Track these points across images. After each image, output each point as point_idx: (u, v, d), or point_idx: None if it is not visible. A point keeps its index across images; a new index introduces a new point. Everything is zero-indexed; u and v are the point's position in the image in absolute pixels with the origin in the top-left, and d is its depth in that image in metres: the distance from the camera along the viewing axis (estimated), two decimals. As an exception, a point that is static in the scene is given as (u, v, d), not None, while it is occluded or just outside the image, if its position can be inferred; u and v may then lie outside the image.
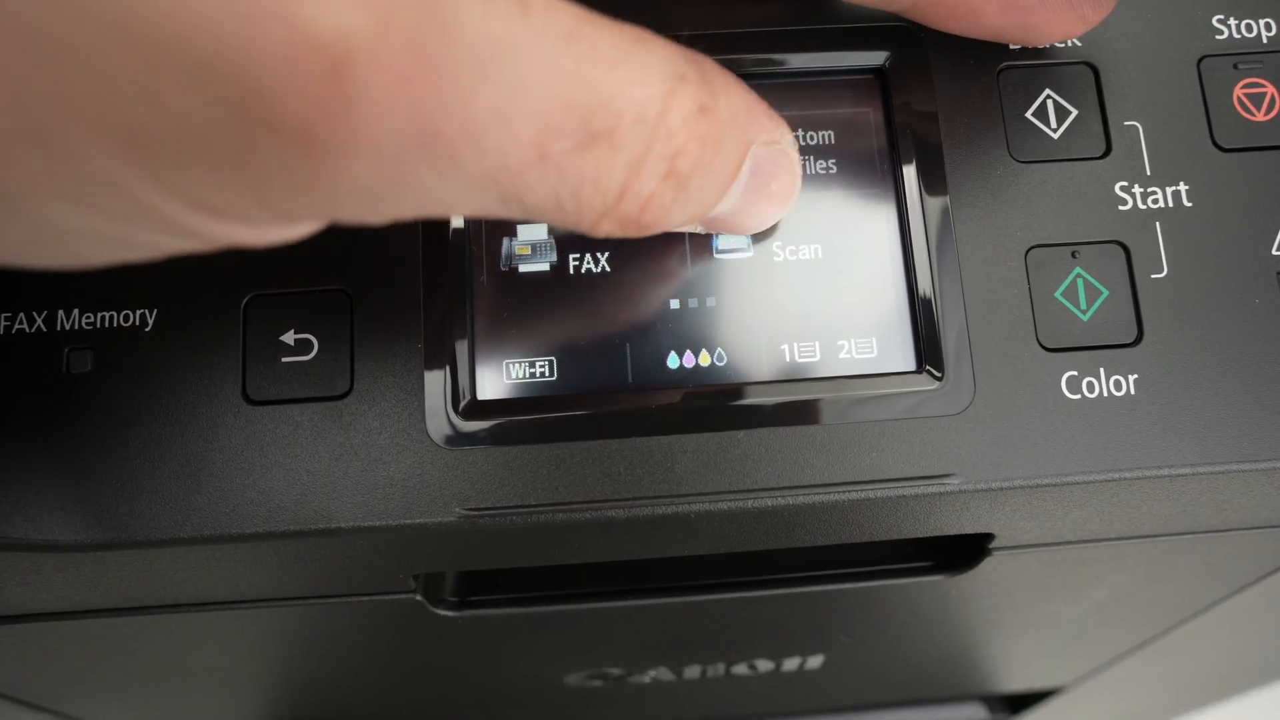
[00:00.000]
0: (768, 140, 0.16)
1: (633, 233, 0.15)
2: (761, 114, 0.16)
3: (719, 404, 0.19)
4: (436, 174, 0.12)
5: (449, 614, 0.22)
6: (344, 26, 0.10)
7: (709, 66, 0.15)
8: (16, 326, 0.19)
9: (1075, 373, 0.19)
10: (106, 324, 0.19)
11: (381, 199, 0.12)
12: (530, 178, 0.13)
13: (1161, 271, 0.19)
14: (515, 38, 0.12)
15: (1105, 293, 0.19)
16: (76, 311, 0.19)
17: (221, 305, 0.19)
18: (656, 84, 0.13)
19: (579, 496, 0.18)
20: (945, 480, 0.18)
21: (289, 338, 0.19)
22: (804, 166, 0.20)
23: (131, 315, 0.19)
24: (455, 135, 0.12)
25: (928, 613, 0.26)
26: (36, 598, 0.20)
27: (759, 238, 0.20)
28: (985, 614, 0.27)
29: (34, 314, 0.19)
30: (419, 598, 0.21)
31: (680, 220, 0.15)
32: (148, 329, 0.19)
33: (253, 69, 0.10)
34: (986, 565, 0.22)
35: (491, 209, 0.13)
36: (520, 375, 0.19)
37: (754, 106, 0.16)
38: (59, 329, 0.19)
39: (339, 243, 0.19)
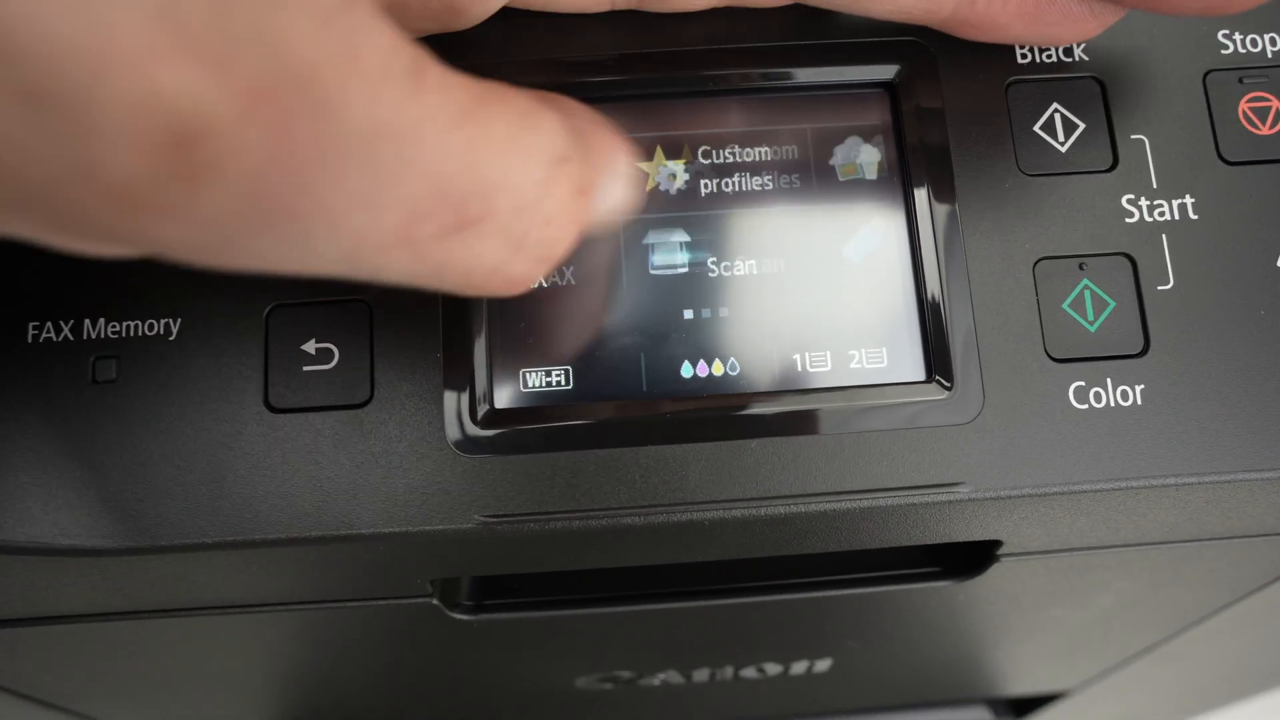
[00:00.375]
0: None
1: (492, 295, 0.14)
2: (629, 164, 0.16)
3: (732, 413, 0.19)
4: (280, 246, 0.11)
5: (464, 618, 0.23)
6: (205, 102, 0.09)
7: (592, 136, 0.14)
8: (44, 335, 0.19)
9: (1082, 383, 0.19)
10: (132, 333, 0.19)
11: (209, 254, 0.11)
12: (389, 257, 0.12)
13: (1168, 283, 0.19)
14: (403, 121, 0.11)
15: (1112, 304, 0.19)
16: (102, 320, 0.19)
17: (244, 315, 0.19)
18: (539, 169, 0.13)
19: (594, 504, 0.18)
20: (955, 489, 0.19)
21: (310, 347, 0.19)
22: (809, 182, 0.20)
23: (156, 324, 0.19)
24: (310, 218, 0.11)
25: (935, 617, 0.27)
26: (60, 601, 0.21)
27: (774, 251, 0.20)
28: (992, 619, 0.27)
29: (61, 323, 0.19)
30: (435, 602, 0.22)
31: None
32: (172, 338, 0.19)
33: (89, 113, 0.09)
34: (994, 571, 0.22)
35: (338, 274, 0.12)
36: (536, 384, 0.19)
37: (628, 165, 0.16)
38: (85, 338, 0.19)
39: (359, 254, 0.19)
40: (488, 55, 0.20)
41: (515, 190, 0.12)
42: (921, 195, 0.20)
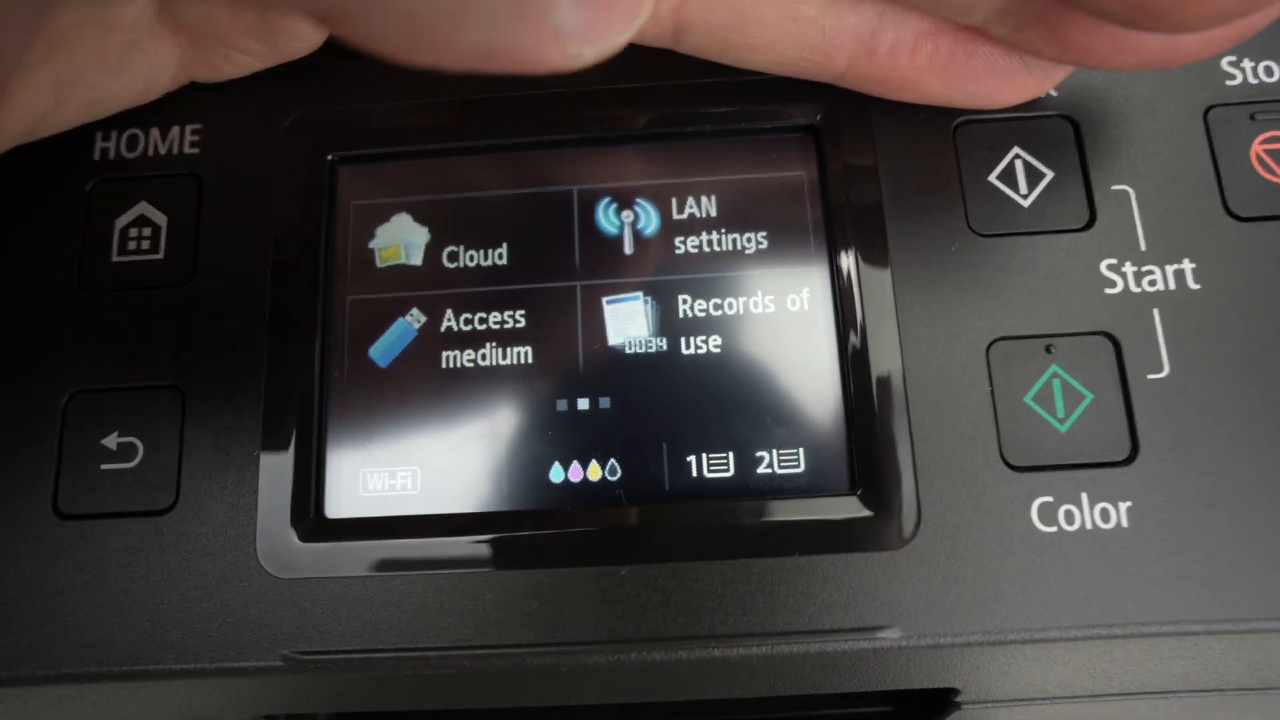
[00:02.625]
0: None
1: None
2: None
3: (606, 531, 0.15)
4: None
5: (317, 754, 0.19)
6: None
7: None
8: None
9: (1050, 499, 0.15)
10: (-86, 423, 0.16)
11: None
12: None
13: (1161, 371, 0.15)
14: None
15: (1089, 397, 0.15)
16: (-117, 408, 0.17)
17: (40, 402, 0.16)
18: None
19: (432, 642, 0.15)
20: (879, 634, 0.15)
21: (111, 441, 0.16)
22: (729, 241, 0.17)
23: (-58, 413, 0.16)
24: None
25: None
26: None
27: (666, 329, 0.17)
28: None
29: None
30: (275, 738, 0.18)
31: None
32: (-44, 429, 0.16)
33: None
34: (956, 719, 0.18)
35: None
36: (378, 488, 0.16)
37: None
38: None
39: (176, 332, 0.17)
40: (355, 93, 0.18)
41: None
42: (848, 260, 0.16)
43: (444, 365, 0.17)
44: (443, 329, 0.17)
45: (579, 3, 0.10)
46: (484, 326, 0.17)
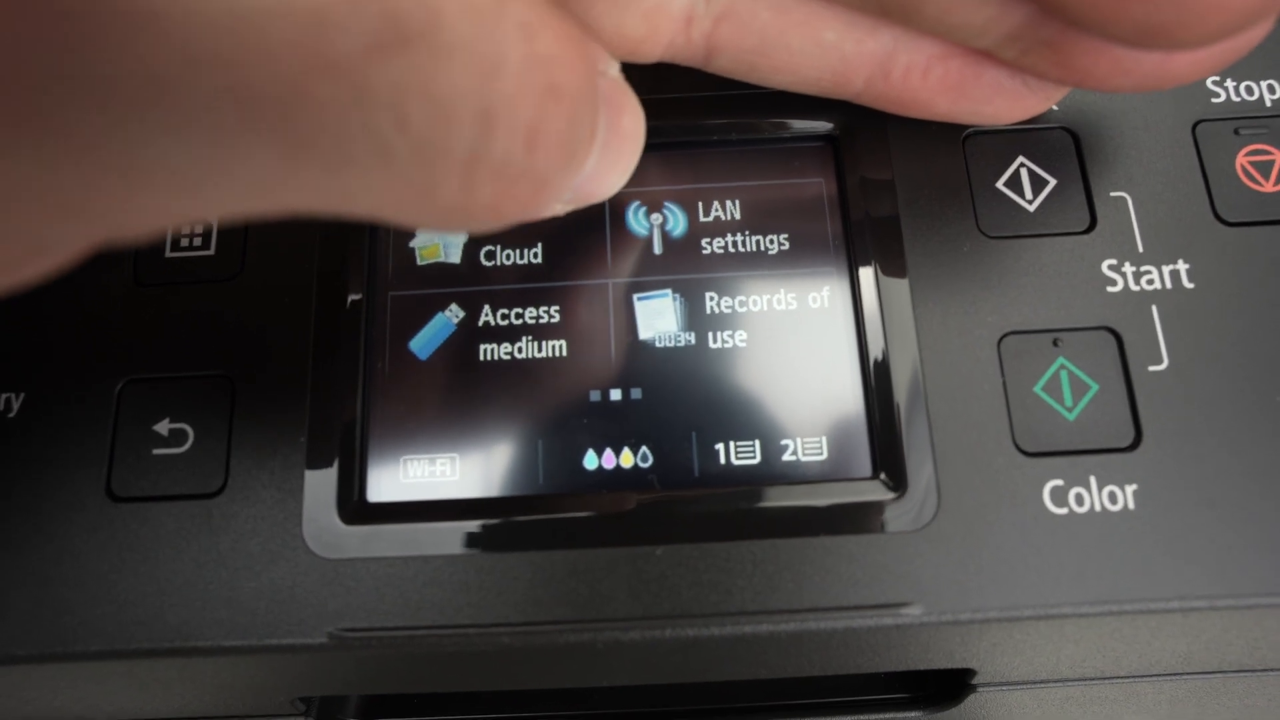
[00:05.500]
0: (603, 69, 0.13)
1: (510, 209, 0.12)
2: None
3: (639, 514, 0.16)
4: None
5: (347, 741, 0.20)
6: None
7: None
8: (-122, 411, 0.17)
9: (1060, 482, 0.16)
10: (-30, 410, 0.17)
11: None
12: (312, 96, 0.09)
13: (1161, 363, 0.16)
14: None
15: (1094, 387, 0.16)
16: (-60, 396, 0.17)
17: (95, 390, 0.17)
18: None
19: (471, 620, 0.16)
20: (902, 610, 0.15)
21: (163, 427, 0.17)
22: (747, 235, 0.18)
23: (-2, 400, 0.17)
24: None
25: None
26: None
27: (694, 324, 0.17)
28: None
29: (-102, 397, 0.17)
30: (309, 723, 0.19)
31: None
32: (12, 414, 0.17)
33: None
34: (972, 702, 0.19)
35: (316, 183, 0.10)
36: (418, 475, 0.17)
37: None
38: (-79, 414, 0.17)
39: (225, 324, 0.17)
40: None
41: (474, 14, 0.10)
42: (866, 260, 0.17)
43: (481, 358, 0.17)
44: (480, 323, 0.18)
45: (576, 189, 0.13)
46: (520, 321, 0.18)
